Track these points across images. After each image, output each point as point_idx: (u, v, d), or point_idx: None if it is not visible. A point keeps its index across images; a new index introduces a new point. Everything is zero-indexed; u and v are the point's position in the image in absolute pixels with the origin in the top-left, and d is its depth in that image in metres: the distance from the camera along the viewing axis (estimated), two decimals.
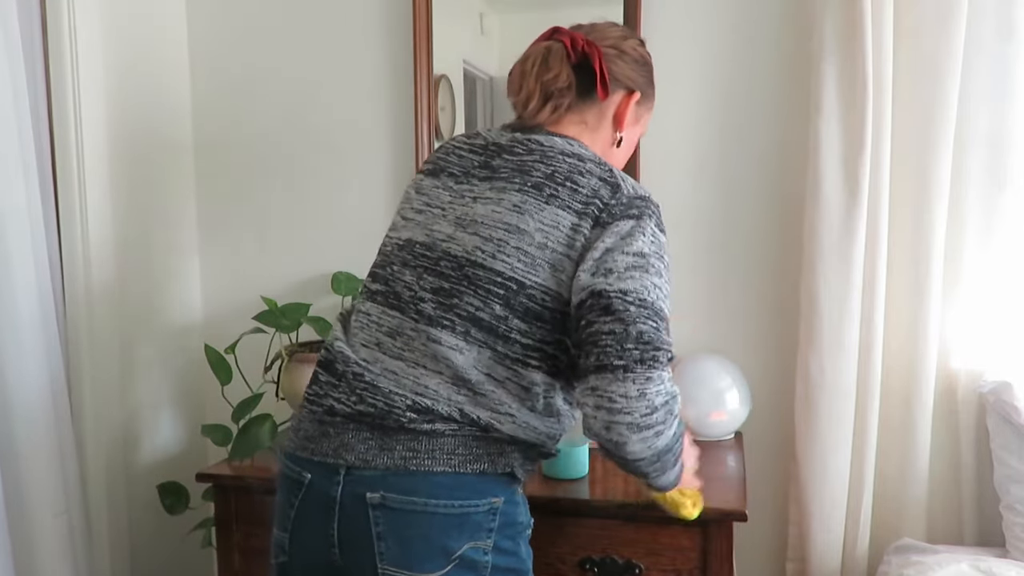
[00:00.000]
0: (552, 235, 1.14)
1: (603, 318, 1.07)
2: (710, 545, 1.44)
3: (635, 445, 1.08)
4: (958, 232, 1.74)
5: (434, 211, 1.23)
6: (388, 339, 1.19)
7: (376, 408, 1.14)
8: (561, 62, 1.24)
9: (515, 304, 1.14)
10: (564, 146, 1.21)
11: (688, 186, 1.94)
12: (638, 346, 1.05)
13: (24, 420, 1.70)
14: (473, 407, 1.14)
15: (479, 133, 1.30)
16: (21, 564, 1.70)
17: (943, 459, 1.78)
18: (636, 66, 1.31)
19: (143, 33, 2.06)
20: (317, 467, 1.16)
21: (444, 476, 1.13)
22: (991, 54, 1.70)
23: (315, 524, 1.16)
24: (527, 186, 1.17)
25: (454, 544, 1.13)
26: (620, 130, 1.31)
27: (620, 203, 1.15)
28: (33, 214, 1.73)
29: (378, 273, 1.24)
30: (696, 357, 1.88)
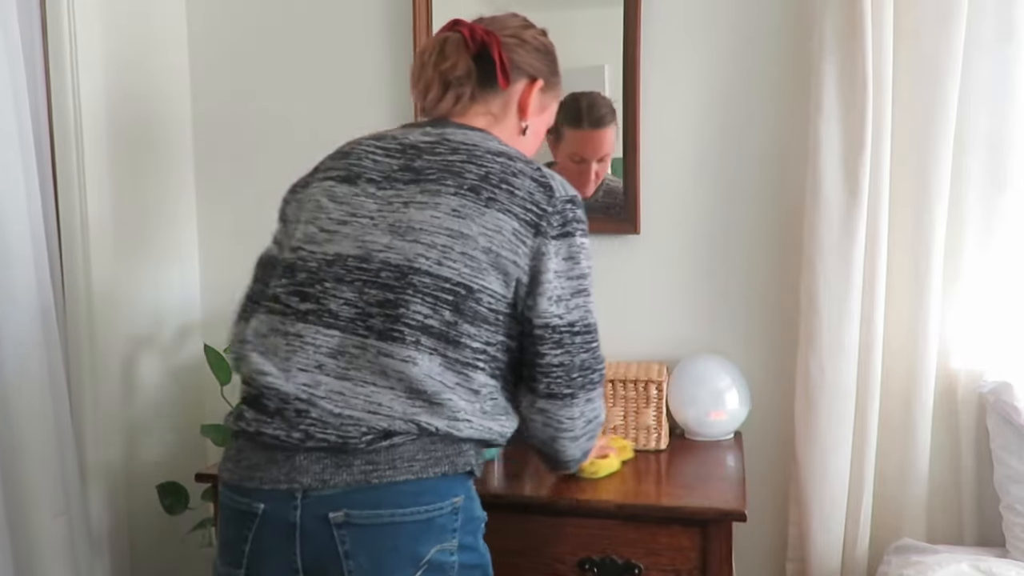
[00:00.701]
0: (496, 239, 1.14)
1: (554, 351, 1.19)
2: (710, 545, 1.44)
3: (572, 451, 1.28)
4: (958, 232, 1.73)
5: (361, 221, 1.18)
6: (330, 360, 1.14)
7: (328, 442, 1.11)
8: (458, 51, 1.26)
9: (464, 309, 1.14)
10: (486, 142, 1.21)
11: (688, 186, 1.94)
12: (581, 374, 1.21)
13: (24, 420, 1.70)
14: (430, 417, 1.12)
15: (386, 135, 1.27)
16: (21, 564, 1.70)
17: (943, 459, 1.78)
18: (537, 54, 1.33)
19: (143, 33, 2.06)
20: (270, 495, 1.12)
21: (407, 484, 1.11)
22: (991, 54, 1.70)
23: (276, 554, 1.12)
24: (463, 189, 1.16)
25: (423, 550, 1.12)
26: (525, 119, 1.33)
27: (556, 210, 1.18)
28: (33, 214, 1.73)
29: (307, 292, 1.18)
30: (696, 357, 1.88)
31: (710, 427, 1.81)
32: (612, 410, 1.76)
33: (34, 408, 1.71)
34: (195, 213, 2.24)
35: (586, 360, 1.21)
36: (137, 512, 2.03)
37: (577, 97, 1.91)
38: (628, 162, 1.93)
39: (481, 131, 1.26)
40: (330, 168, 1.27)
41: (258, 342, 1.20)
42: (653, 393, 1.75)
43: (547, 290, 1.16)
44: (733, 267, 1.93)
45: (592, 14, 1.93)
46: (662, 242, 1.96)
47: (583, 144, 1.93)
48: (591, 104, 1.92)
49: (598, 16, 1.92)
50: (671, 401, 1.84)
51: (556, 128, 1.91)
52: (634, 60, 1.89)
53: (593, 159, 1.92)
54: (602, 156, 1.93)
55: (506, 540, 1.49)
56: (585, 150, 1.93)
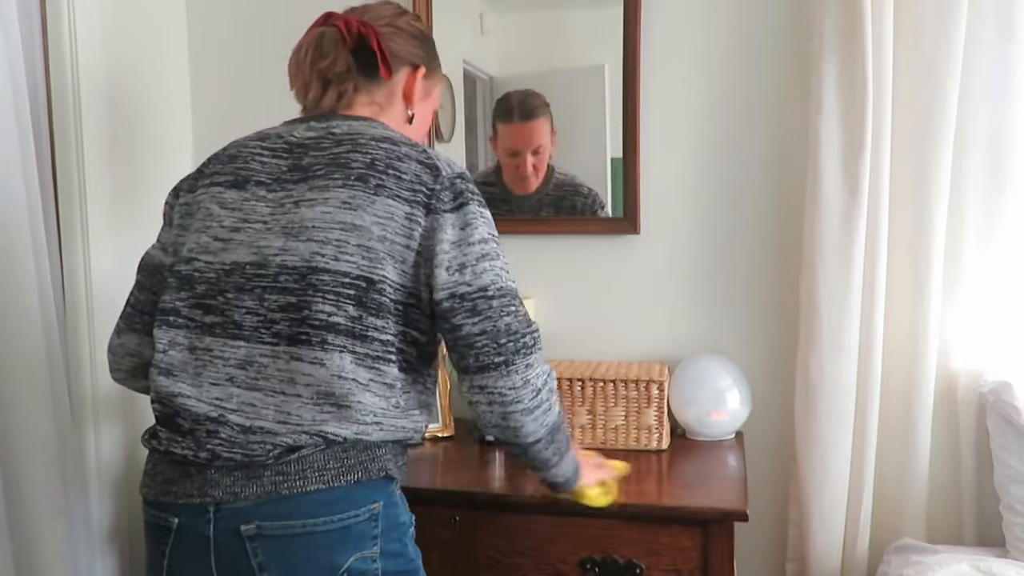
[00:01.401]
0: (389, 226, 1.13)
1: (471, 319, 1.13)
2: (711, 545, 1.44)
3: (530, 426, 1.17)
4: (958, 232, 1.74)
5: (254, 226, 1.16)
6: (239, 372, 1.13)
7: (235, 461, 1.10)
8: (336, 47, 1.23)
9: (367, 302, 1.12)
10: (370, 130, 1.20)
11: (688, 186, 1.94)
12: (510, 339, 1.14)
13: (24, 420, 1.69)
14: (338, 424, 1.11)
15: (270, 134, 1.26)
16: (21, 564, 1.70)
17: (943, 459, 1.78)
18: (415, 41, 1.31)
19: (143, 34, 2.06)
20: (183, 509, 1.12)
21: (318, 493, 1.10)
22: (991, 54, 1.70)
23: (192, 569, 1.12)
24: (351, 179, 1.14)
25: (340, 559, 1.11)
26: (411, 107, 1.31)
27: (444, 187, 1.15)
28: (33, 215, 1.73)
29: (210, 304, 1.16)
30: (696, 357, 1.88)
31: (711, 427, 1.81)
32: (613, 410, 1.76)
33: (34, 408, 1.71)
34: None
35: (511, 324, 1.14)
36: (137, 512, 2.02)
37: (510, 95, 1.96)
38: (628, 162, 1.93)
39: (366, 119, 1.24)
40: (216, 173, 1.24)
41: (161, 359, 1.18)
42: (654, 393, 1.75)
43: (443, 261, 1.13)
44: (733, 267, 1.93)
45: (592, 14, 1.93)
46: (662, 242, 1.96)
47: (514, 137, 1.98)
48: (522, 99, 1.96)
49: (598, 16, 1.92)
50: (672, 401, 1.84)
51: (492, 126, 1.98)
52: (634, 60, 1.89)
53: (526, 151, 1.96)
54: (536, 148, 1.96)
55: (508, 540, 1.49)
56: (517, 143, 1.97)
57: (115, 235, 1.97)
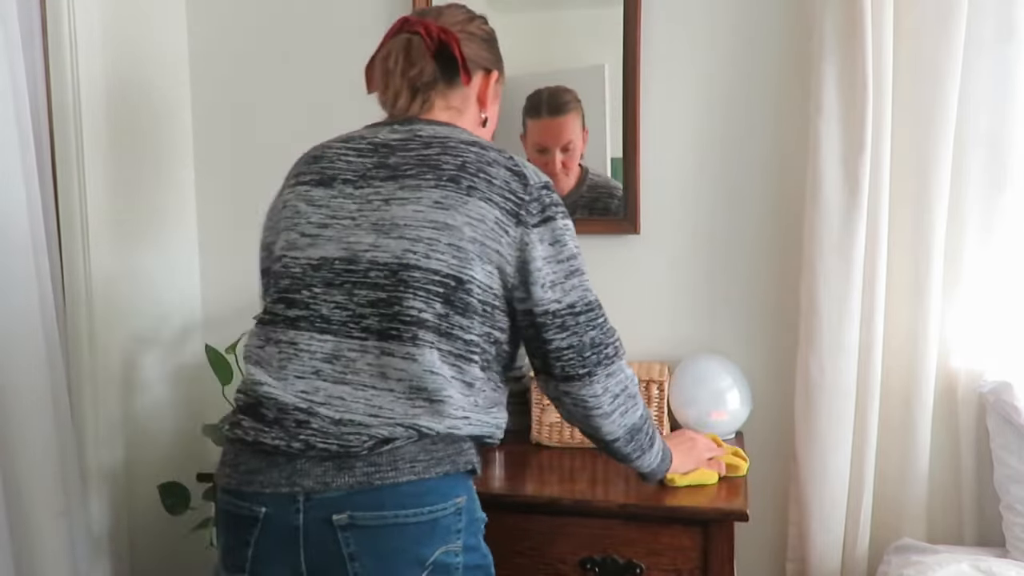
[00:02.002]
0: (480, 228, 1.14)
1: (560, 335, 1.20)
2: (711, 545, 1.44)
3: (608, 427, 1.27)
4: (958, 232, 1.74)
5: (343, 222, 1.18)
6: (326, 365, 1.14)
7: (330, 451, 1.10)
8: (423, 56, 1.25)
9: (455, 300, 1.14)
10: (456, 134, 1.22)
11: (688, 186, 1.94)
12: (594, 351, 1.22)
13: (24, 420, 1.69)
14: (430, 419, 1.12)
15: (353, 136, 1.27)
16: (21, 564, 1.70)
17: (943, 459, 1.78)
18: (487, 45, 1.34)
19: (143, 33, 2.06)
20: (271, 499, 1.12)
21: (409, 485, 1.11)
22: (991, 54, 1.70)
23: (279, 558, 1.12)
24: (443, 180, 1.16)
25: (427, 551, 1.11)
26: (485, 110, 1.34)
27: (532, 198, 1.18)
28: (33, 214, 1.73)
29: (294, 298, 1.18)
30: (696, 357, 1.88)
31: (711, 427, 1.81)
32: None
33: (34, 408, 1.71)
34: (195, 213, 2.24)
35: (595, 337, 1.22)
36: (138, 512, 2.03)
37: (540, 90, 1.93)
38: (628, 162, 1.93)
39: (448, 124, 1.26)
40: (301, 173, 1.26)
41: (252, 354, 1.21)
42: (655, 393, 1.75)
43: (538, 278, 1.17)
44: (733, 267, 1.93)
45: (592, 13, 1.93)
46: (662, 242, 1.96)
47: (543, 133, 1.94)
48: (552, 94, 1.93)
49: (598, 16, 1.91)
50: (672, 401, 1.84)
51: (523, 122, 1.95)
52: (634, 60, 1.89)
53: (555, 147, 1.93)
54: (565, 144, 1.93)
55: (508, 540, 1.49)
56: (545, 139, 1.94)
57: (115, 235, 1.97)
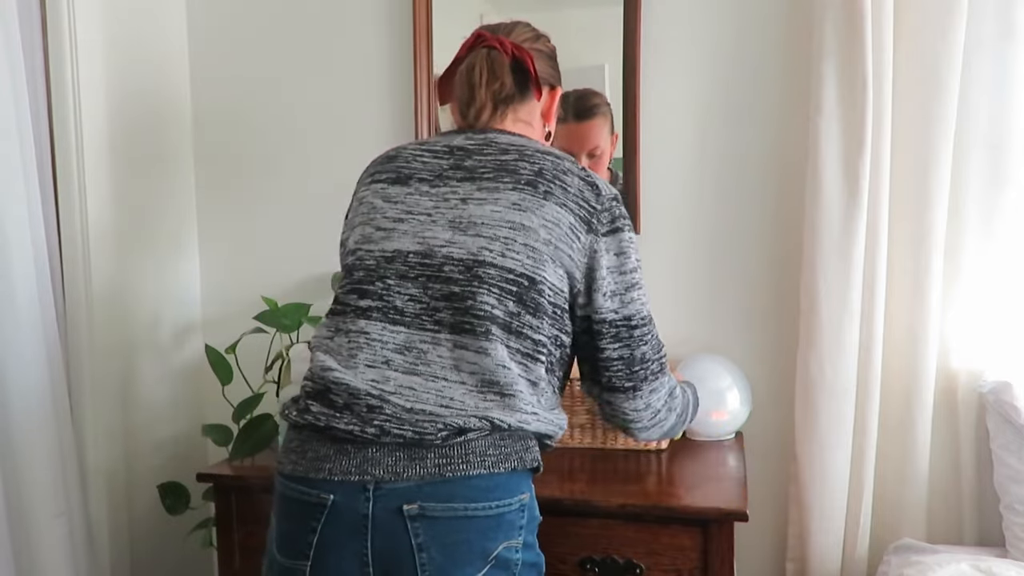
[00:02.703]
0: (555, 232, 1.17)
1: (613, 345, 1.22)
2: (711, 545, 1.44)
3: (645, 434, 1.32)
4: (958, 232, 1.74)
5: (419, 218, 1.21)
6: (397, 356, 1.16)
7: (404, 438, 1.11)
8: (505, 71, 1.28)
9: (527, 300, 1.16)
10: (531, 143, 1.25)
11: (688, 186, 1.94)
12: (642, 366, 1.24)
13: (24, 420, 1.70)
14: (501, 412, 1.13)
15: (428, 140, 1.30)
16: (21, 564, 1.70)
17: (943, 459, 1.78)
18: (552, 63, 1.39)
19: (143, 34, 2.06)
20: (340, 487, 1.12)
21: (479, 478, 1.12)
22: (991, 54, 1.70)
23: (344, 546, 1.12)
24: (521, 183, 1.19)
25: (492, 545, 1.13)
26: (549, 124, 1.39)
27: (604, 208, 1.21)
28: (33, 214, 1.73)
29: (366, 289, 1.20)
30: (696, 357, 1.88)
31: (712, 427, 1.81)
32: None
33: (34, 408, 1.71)
34: (195, 214, 2.24)
35: (646, 353, 1.24)
36: (138, 512, 2.03)
37: (567, 93, 1.90)
38: (628, 162, 1.93)
39: (520, 135, 1.29)
40: (377, 172, 1.29)
41: (321, 344, 1.22)
42: None
43: (602, 286, 1.20)
44: (733, 267, 1.93)
45: (592, 13, 1.93)
46: (662, 242, 1.96)
47: (569, 138, 1.93)
48: (579, 97, 1.93)
49: (598, 15, 1.92)
50: None
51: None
52: (634, 60, 1.89)
53: (581, 153, 1.92)
54: (591, 150, 1.92)
55: None
56: (572, 144, 1.93)
57: (115, 236, 1.97)
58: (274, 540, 1.19)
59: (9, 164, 1.66)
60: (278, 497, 1.20)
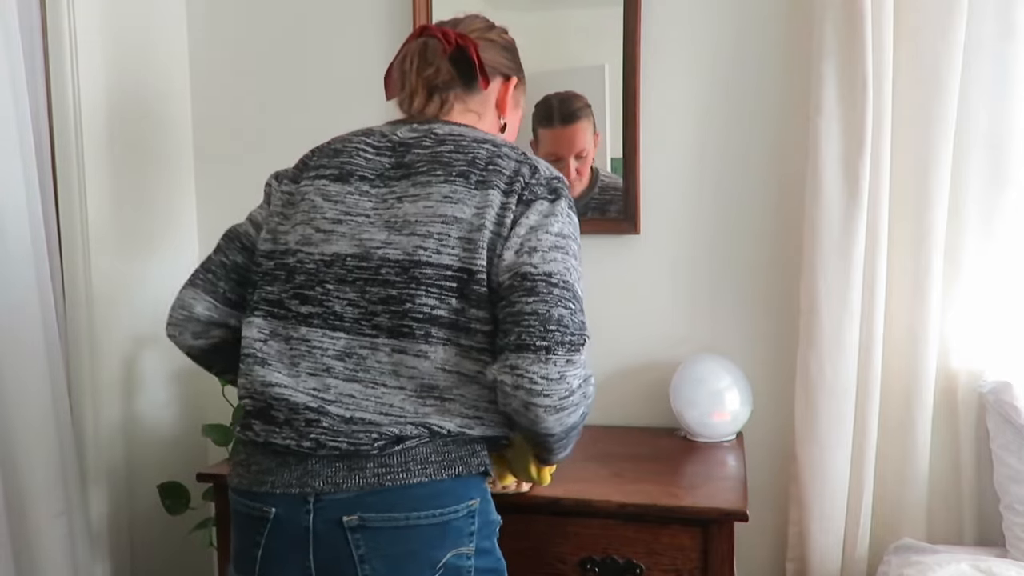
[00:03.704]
0: (487, 214, 1.14)
1: (526, 298, 1.09)
2: (711, 545, 1.44)
3: (549, 423, 1.11)
4: (958, 232, 1.74)
5: (357, 219, 1.18)
6: (338, 363, 1.14)
7: (340, 450, 1.10)
8: (439, 57, 1.27)
9: (468, 293, 1.12)
10: (471, 132, 1.23)
11: (688, 186, 1.94)
12: (559, 328, 1.07)
13: (24, 420, 1.70)
14: (440, 417, 1.11)
15: (374, 131, 1.28)
16: (21, 564, 1.70)
17: (943, 459, 1.78)
18: (506, 53, 1.36)
19: (143, 35, 2.06)
20: (281, 499, 1.11)
21: (421, 486, 1.10)
22: (991, 54, 1.70)
23: (287, 560, 1.11)
24: (452, 175, 1.16)
25: (439, 554, 1.11)
26: (504, 116, 1.36)
27: (540, 182, 1.17)
28: (33, 214, 1.73)
29: (307, 295, 1.17)
30: (696, 357, 1.88)
31: (712, 428, 1.81)
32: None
33: (34, 408, 1.71)
34: (195, 213, 2.24)
35: (563, 316, 1.08)
36: (137, 512, 2.03)
37: (549, 97, 1.93)
38: (628, 162, 1.93)
39: (465, 125, 1.27)
40: (321, 166, 1.26)
41: (260, 348, 1.18)
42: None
43: (515, 244, 1.12)
44: (733, 267, 1.93)
45: (592, 13, 1.92)
46: (662, 242, 1.96)
47: (556, 142, 1.94)
48: (562, 101, 1.93)
49: (598, 15, 1.91)
50: (673, 402, 1.84)
51: (533, 131, 1.94)
52: (634, 60, 1.89)
53: (569, 156, 1.93)
54: (578, 152, 1.93)
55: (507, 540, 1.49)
56: (559, 147, 1.94)
57: (115, 235, 1.97)
58: (232, 553, 1.20)
59: (9, 164, 1.66)
60: (231, 511, 1.20)
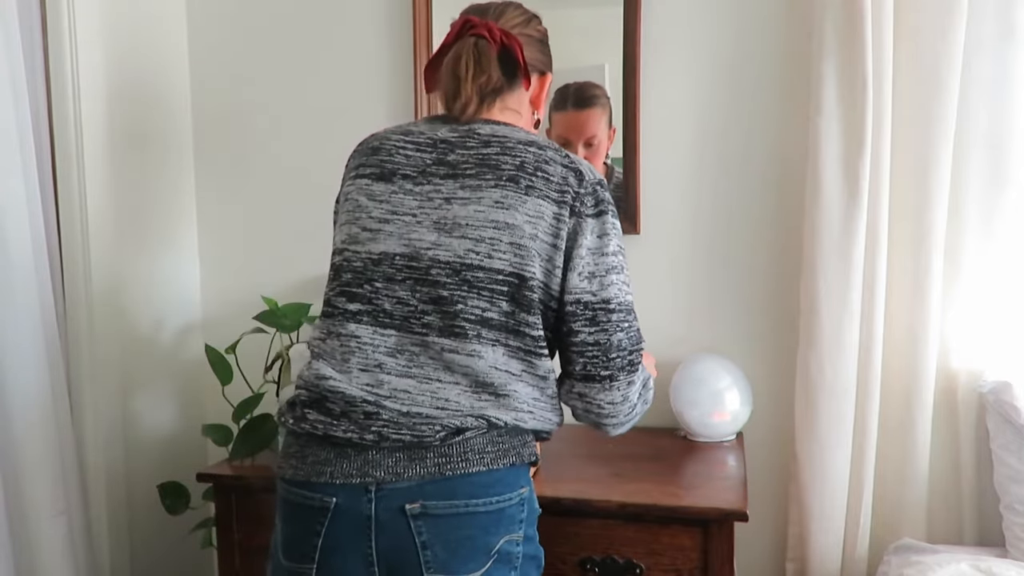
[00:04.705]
0: (540, 225, 1.16)
1: (588, 328, 1.18)
2: (711, 545, 1.44)
3: (617, 431, 1.27)
4: (958, 232, 1.74)
5: (404, 219, 1.19)
6: (390, 359, 1.16)
7: (404, 441, 1.11)
8: (492, 63, 1.24)
9: (519, 298, 1.15)
10: (514, 134, 1.22)
11: (688, 186, 1.94)
12: (619, 354, 1.19)
13: (24, 420, 1.70)
14: (497, 411, 1.14)
15: (412, 130, 1.27)
16: (21, 564, 1.70)
17: (943, 459, 1.78)
18: (543, 47, 1.35)
19: (143, 33, 2.06)
20: (342, 489, 1.12)
21: (479, 475, 1.13)
22: (991, 54, 1.70)
23: (349, 547, 1.13)
24: (503, 180, 1.17)
25: (493, 540, 1.14)
26: (539, 111, 1.36)
27: (587, 192, 1.19)
28: (33, 214, 1.73)
29: (355, 292, 1.19)
30: (696, 357, 1.88)
31: (712, 428, 1.81)
32: None
33: (34, 408, 1.71)
34: (195, 213, 2.24)
35: (622, 340, 1.19)
36: (137, 512, 2.03)
37: (568, 84, 1.93)
38: (628, 162, 1.93)
39: (506, 124, 1.26)
40: (361, 165, 1.26)
41: (315, 347, 1.22)
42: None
43: (578, 265, 1.17)
44: (733, 267, 1.93)
45: (592, 13, 1.93)
46: (662, 242, 1.96)
47: (567, 126, 1.94)
48: (579, 87, 1.93)
49: (598, 15, 1.92)
50: (673, 402, 1.84)
51: (548, 116, 1.94)
52: (634, 60, 1.89)
53: (578, 142, 1.93)
54: (588, 139, 1.93)
55: None
56: (569, 132, 1.94)
57: (115, 235, 1.97)
58: (279, 544, 1.20)
59: (9, 164, 1.66)
60: (281, 502, 1.20)
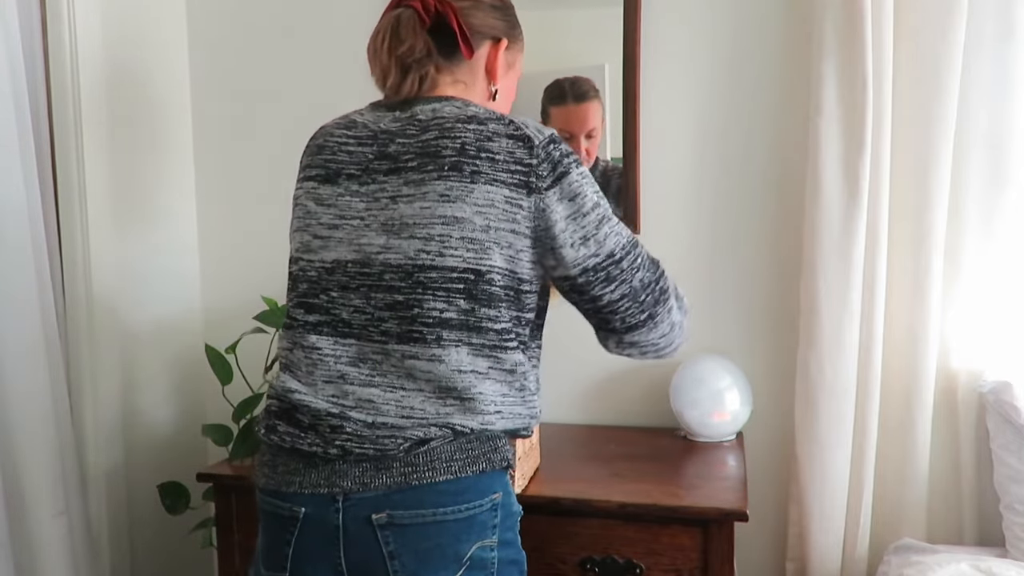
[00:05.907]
0: (491, 214, 1.10)
1: (608, 287, 1.15)
2: (711, 545, 1.44)
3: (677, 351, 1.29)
4: (958, 232, 1.74)
5: (352, 223, 1.15)
6: (352, 369, 1.14)
7: (367, 455, 1.10)
8: (414, 31, 1.16)
9: (477, 294, 1.11)
10: (455, 111, 1.14)
11: (688, 186, 1.94)
12: (647, 291, 1.18)
13: (24, 420, 1.69)
14: (463, 416, 1.12)
15: (355, 122, 1.21)
16: (21, 564, 1.70)
17: (943, 459, 1.78)
18: (495, 12, 1.25)
19: (143, 32, 2.06)
20: (310, 499, 1.12)
21: (447, 483, 1.11)
22: (991, 54, 1.70)
23: (319, 557, 1.12)
24: (445, 169, 1.10)
25: (464, 547, 1.12)
26: (494, 82, 1.26)
27: (540, 160, 1.11)
28: (33, 214, 1.73)
29: (312, 303, 1.17)
30: (696, 357, 1.88)
31: (712, 428, 1.81)
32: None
33: (34, 408, 1.71)
34: (195, 212, 2.24)
35: (645, 277, 1.17)
36: (137, 512, 2.03)
37: (559, 80, 1.94)
38: (628, 162, 1.93)
39: (449, 98, 1.18)
40: (308, 166, 1.23)
41: (283, 358, 1.21)
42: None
43: (565, 239, 1.12)
44: (733, 267, 1.93)
45: (592, 13, 1.93)
46: (662, 242, 1.95)
47: (569, 119, 1.95)
48: (573, 82, 1.94)
49: (598, 15, 1.92)
50: (673, 403, 1.84)
51: (543, 110, 1.95)
52: (634, 59, 1.89)
53: (580, 134, 1.94)
54: (589, 131, 1.94)
55: None
56: (571, 125, 1.95)
57: (115, 234, 1.97)
58: (259, 552, 1.20)
59: (8, 161, 1.66)
60: (259, 510, 1.20)
